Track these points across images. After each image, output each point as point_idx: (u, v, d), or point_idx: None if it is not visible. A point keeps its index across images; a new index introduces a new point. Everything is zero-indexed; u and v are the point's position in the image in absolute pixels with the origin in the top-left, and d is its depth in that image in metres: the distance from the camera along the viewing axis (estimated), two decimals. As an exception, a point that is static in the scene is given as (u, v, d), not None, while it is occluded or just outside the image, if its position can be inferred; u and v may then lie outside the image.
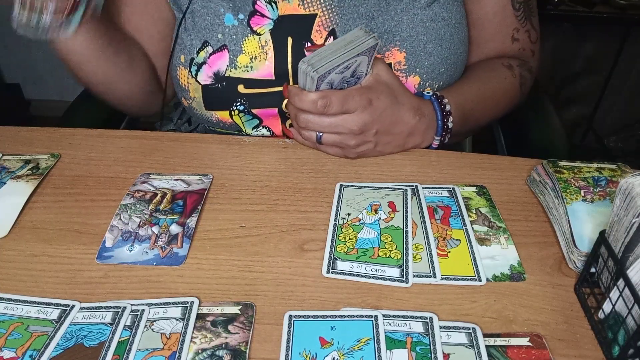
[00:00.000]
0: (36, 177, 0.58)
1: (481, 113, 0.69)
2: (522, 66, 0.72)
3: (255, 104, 0.66)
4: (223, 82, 0.65)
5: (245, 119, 0.67)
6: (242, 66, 0.64)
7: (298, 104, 0.57)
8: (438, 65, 0.65)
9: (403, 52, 0.63)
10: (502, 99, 0.71)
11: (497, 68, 0.71)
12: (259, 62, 0.64)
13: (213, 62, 0.65)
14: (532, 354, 0.40)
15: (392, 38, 0.63)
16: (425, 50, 0.64)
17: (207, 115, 0.69)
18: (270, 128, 0.68)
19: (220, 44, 0.64)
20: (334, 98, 0.56)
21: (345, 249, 0.49)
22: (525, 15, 0.71)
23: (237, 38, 0.64)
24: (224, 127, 0.70)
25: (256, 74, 0.64)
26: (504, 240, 0.50)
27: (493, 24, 0.71)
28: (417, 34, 0.63)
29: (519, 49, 0.73)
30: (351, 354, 0.39)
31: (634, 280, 0.38)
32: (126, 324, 0.42)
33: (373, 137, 0.60)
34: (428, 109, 0.63)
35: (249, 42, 0.64)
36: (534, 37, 0.74)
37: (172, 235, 0.51)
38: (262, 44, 0.64)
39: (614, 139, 1.99)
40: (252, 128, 0.68)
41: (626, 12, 1.62)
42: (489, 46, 0.73)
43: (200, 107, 0.68)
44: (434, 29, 0.64)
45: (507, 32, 0.71)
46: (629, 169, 0.55)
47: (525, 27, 0.72)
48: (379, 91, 0.59)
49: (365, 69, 0.58)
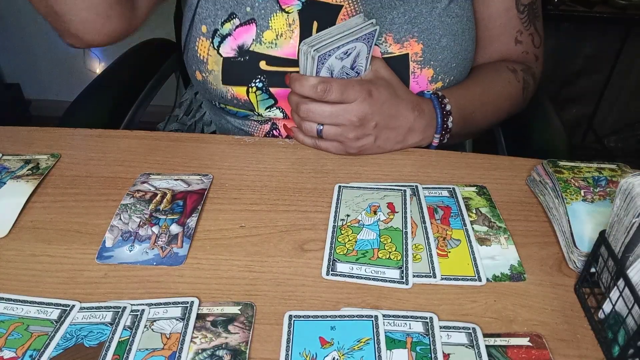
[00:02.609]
0: (36, 177, 0.58)
1: (482, 116, 0.70)
2: (526, 71, 0.73)
3: (274, 82, 0.65)
4: (246, 56, 0.64)
5: (261, 97, 0.67)
6: (267, 42, 0.64)
7: (298, 89, 0.58)
8: (450, 60, 0.65)
9: (420, 44, 0.64)
10: (504, 103, 0.71)
11: (502, 70, 0.71)
12: (284, 40, 0.64)
13: (239, 35, 0.64)
14: (532, 354, 0.40)
15: (412, 29, 0.64)
16: (439, 44, 0.64)
17: (223, 90, 0.67)
18: (284, 109, 0.68)
19: (248, 17, 0.64)
20: (334, 84, 0.57)
21: (344, 251, 0.49)
22: (530, 18, 0.72)
23: (266, 13, 0.63)
24: (237, 105, 0.69)
25: (280, 52, 0.64)
26: (504, 240, 0.50)
27: (497, 25, 0.71)
28: (434, 27, 0.64)
29: (522, 51, 0.73)
30: (351, 354, 0.39)
31: (634, 280, 0.38)
32: (126, 324, 0.42)
33: (373, 130, 0.60)
34: (428, 106, 0.63)
35: (276, 19, 0.63)
36: (537, 42, 0.74)
37: (172, 235, 0.51)
38: (290, 22, 0.63)
39: (614, 139, 1.99)
40: (266, 108, 0.68)
41: (626, 12, 1.62)
42: (493, 47, 0.73)
43: (217, 81, 0.67)
44: (449, 25, 0.65)
45: (511, 33, 0.72)
46: (629, 169, 0.55)
47: (529, 30, 0.72)
48: (378, 84, 0.60)
49: (364, 63, 0.60)
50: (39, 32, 2.09)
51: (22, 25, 2.09)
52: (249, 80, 0.65)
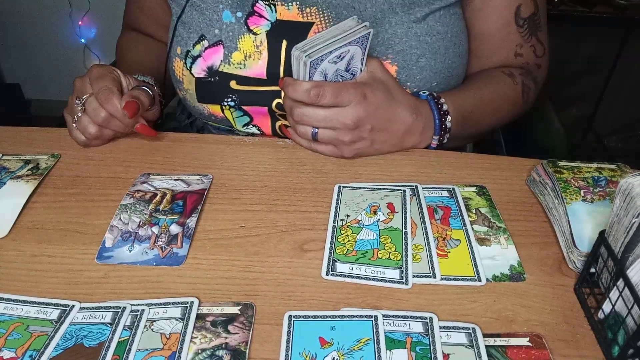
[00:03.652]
0: (36, 177, 0.58)
1: (481, 116, 0.68)
2: (526, 75, 0.71)
3: (246, 100, 0.66)
4: (216, 77, 0.66)
5: (236, 114, 0.68)
6: (236, 63, 0.65)
7: (292, 94, 0.58)
8: (430, 79, 0.65)
9: (395, 66, 0.63)
10: (502, 104, 0.70)
11: (497, 75, 0.70)
12: (253, 61, 0.64)
13: (208, 56, 0.66)
14: (532, 354, 0.40)
15: (385, 51, 0.63)
16: (417, 65, 0.63)
17: (200, 107, 0.69)
18: (259, 127, 0.69)
19: (216, 39, 0.65)
20: (327, 88, 0.57)
21: (344, 251, 0.49)
22: (530, 31, 0.70)
23: (234, 35, 0.64)
24: (216, 121, 0.70)
25: (249, 72, 0.65)
26: (504, 241, 0.50)
27: (496, 40, 0.70)
28: (410, 47, 0.63)
29: (522, 63, 0.72)
30: (351, 354, 0.39)
31: (633, 280, 0.38)
32: (126, 324, 0.42)
33: (368, 133, 0.60)
34: (425, 108, 0.63)
35: (244, 41, 0.64)
36: (539, 52, 0.72)
37: (172, 235, 0.51)
38: (257, 44, 0.64)
39: (614, 139, 1.99)
40: (243, 125, 0.69)
41: (626, 12, 1.62)
42: (491, 59, 0.72)
43: (193, 99, 0.69)
44: (428, 43, 0.63)
45: (510, 47, 0.70)
46: (629, 169, 0.55)
47: (529, 42, 0.71)
48: (374, 87, 0.59)
49: (359, 64, 0.59)
50: (39, 32, 2.09)
51: (22, 25, 2.09)
52: (222, 99, 0.67)
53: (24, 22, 2.08)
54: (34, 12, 2.06)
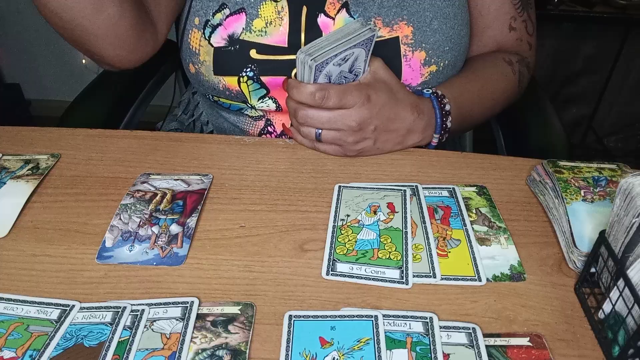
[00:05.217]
0: (36, 177, 0.58)
1: (479, 112, 0.70)
2: (521, 62, 0.73)
3: (266, 70, 0.65)
4: (236, 45, 0.65)
5: (252, 87, 0.67)
6: (257, 30, 0.64)
7: (296, 96, 0.58)
8: (443, 43, 0.65)
9: (410, 27, 0.64)
10: (500, 97, 0.72)
11: (499, 64, 0.71)
12: (274, 28, 0.64)
13: (229, 24, 0.65)
14: (532, 354, 0.40)
15: (401, 12, 0.64)
16: (430, 27, 0.64)
17: (215, 81, 0.68)
18: (276, 100, 0.68)
19: (238, 7, 0.64)
20: (332, 91, 0.57)
21: (344, 251, 0.49)
22: (523, 5, 0.72)
23: (255, 2, 0.64)
24: (229, 97, 0.69)
25: (270, 40, 0.64)
26: (504, 240, 0.50)
27: (491, 10, 0.71)
28: (424, 9, 0.64)
29: (516, 38, 0.74)
30: (351, 354, 0.39)
31: (634, 280, 0.38)
32: (126, 324, 0.42)
33: (372, 133, 0.60)
34: (427, 106, 0.63)
35: (266, 7, 0.64)
36: (530, 29, 0.74)
37: (172, 235, 0.51)
38: (279, 10, 0.64)
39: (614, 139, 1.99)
40: (258, 99, 0.68)
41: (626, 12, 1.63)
42: (487, 34, 0.73)
43: (209, 71, 0.67)
44: (440, 7, 0.64)
45: (505, 19, 0.72)
46: (629, 169, 0.55)
47: (522, 16, 0.73)
48: (377, 88, 0.60)
49: (363, 65, 0.59)
50: (39, 32, 2.09)
51: (22, 25, 2.09)
52: (240, 70, 0.66)
53: (24, 22, 2.08)
54: (34, 12, 2.05)
